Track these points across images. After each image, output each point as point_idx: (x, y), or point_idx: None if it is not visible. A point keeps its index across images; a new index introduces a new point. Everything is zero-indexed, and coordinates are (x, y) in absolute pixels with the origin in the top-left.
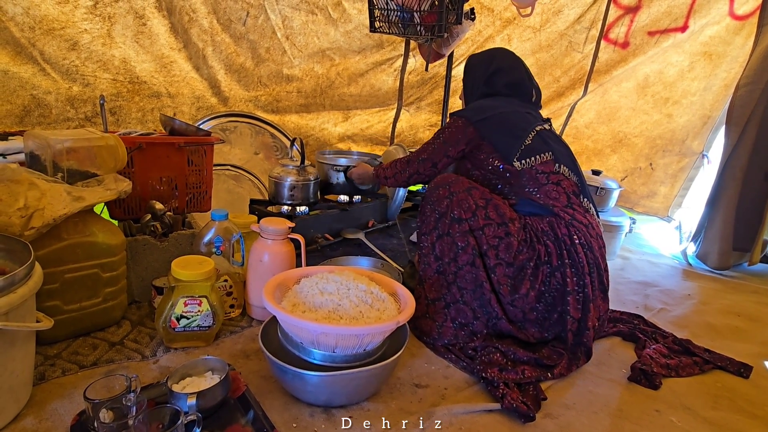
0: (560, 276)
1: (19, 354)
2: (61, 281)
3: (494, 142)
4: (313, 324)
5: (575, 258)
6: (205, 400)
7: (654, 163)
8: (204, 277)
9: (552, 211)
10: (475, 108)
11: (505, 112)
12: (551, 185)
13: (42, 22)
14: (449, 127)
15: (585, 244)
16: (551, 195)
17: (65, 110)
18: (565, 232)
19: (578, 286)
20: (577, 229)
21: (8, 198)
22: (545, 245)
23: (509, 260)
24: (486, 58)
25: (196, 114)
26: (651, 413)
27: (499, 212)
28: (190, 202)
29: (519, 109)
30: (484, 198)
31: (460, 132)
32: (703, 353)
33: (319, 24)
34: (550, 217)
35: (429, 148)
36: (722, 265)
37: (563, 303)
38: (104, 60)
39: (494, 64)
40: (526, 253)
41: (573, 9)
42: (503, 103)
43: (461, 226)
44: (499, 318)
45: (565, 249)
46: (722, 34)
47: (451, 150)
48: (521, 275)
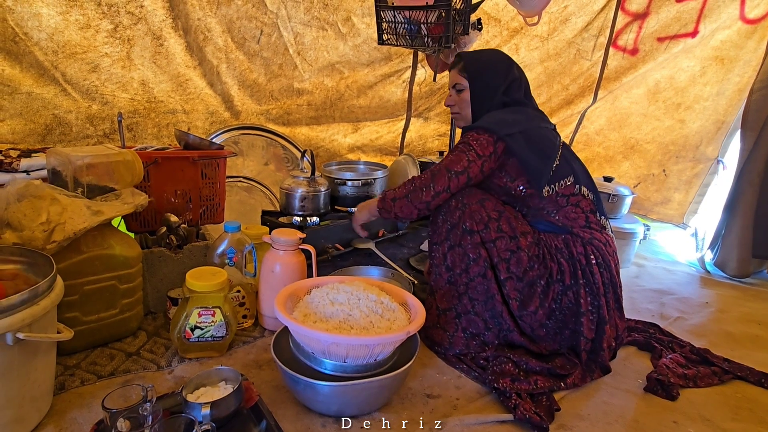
0: (572, 295)
1: (40, 364)
2: (81, 293)
3: (523, 162)
4: (324, 334)
5: (590, 278)
6: (219, 410)
7: (667, 169)
8: (217, 288)
9: (570, 230)
10: (498, 121)
11: (530, 128)
12: (570, 207)
13: (65, 46)
14: (476, 140)
15: (602, 264)
16: (570, 216)
17: (85, 128)
18: (581, 251)
19: (593, 306)
20: (596, 248)
21: (31, 213)
22: (558, 263)
23: (519, 275)
24: (504, 60)
25: (209, 128)
26: (668, 425)
27: (512, 225)
28: (204, 214)
29: (540, 123)
30: (497, 210)
31: (491, 147)
32: (722, 363)
33: (329, 39)
34: (565, 235)
35: (461, 162)
36: (742, 272)
37: (576, 323)
38: (123, 82)
39: (513, 68)
40: (537, 269)
41: (581, 17)
42: (524, 117)
43: (473, 237)
44: (511, 330)
45: (580, 269)
46: (734, 38)
47: (486, 166)
48: (531, 291)
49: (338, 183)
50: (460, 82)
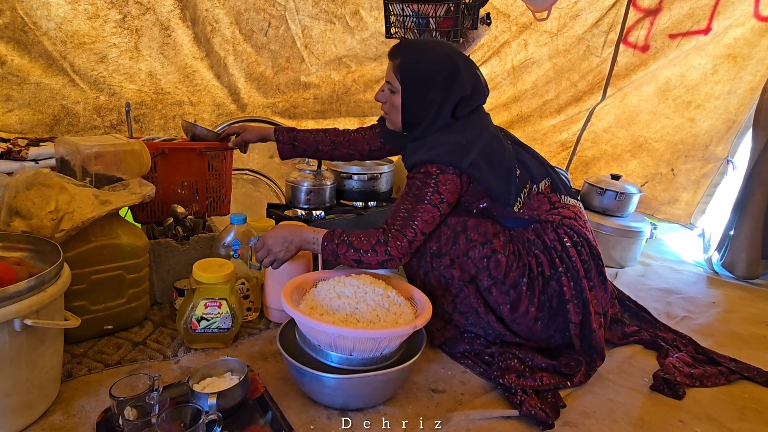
0: (556, 284)
1: (48, 351)
2: (88, 282)
3: (489, 188)
4: (331, 327)
5: (568, 263)
6: (225, 401)
7: (676, 168)
8: (224, 279)
9: (538, 219)
10: (454, 149)
11: (484, 146)
12: (532, 197)
13: (73, 36)
14: (443, 184)
15: (578, 242)
16: (533, 206)
17: (92, 119)
18: (554, 237)
19: (575, 290)
20: (568, 228)
21: (40, 201)
22: (535, 256)
23: (501, 278)
24: (450, 69)
25: (216, 120)
26: (674, 423)
27: (480, 231)
28: (210, 206)
29: (488, 131)
30: (461, 222)
31: (459, 186)
32: (729, 362)
33: (337, 32)
34: (534, 224)
35: (434, 219)
36: (751, 274)
37: (564, 311)
38: (131, 73)
39: (461, 79)
40: (516, 268)
41: (591, 13)
42: (475, 132)
43: (442, 260)
44: (504, 333)
45: (557, 256)
46: (747, 36)
47: (447, 208)
48: (517, 292)
49: (344, 177)
50: (392, 83)
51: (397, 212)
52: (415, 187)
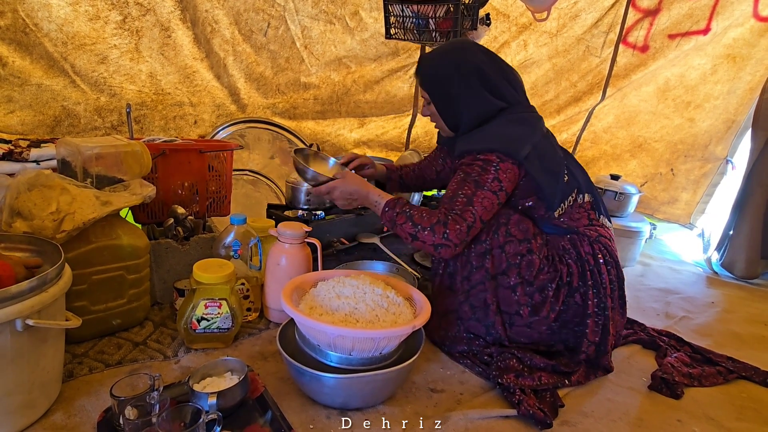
0: (579, 297)
1: (49, 351)
2: (89, 282)
3: (539, 185)
4: (330, 327)
5: (597, 279)
6: (225, 400)
7: (675, 168)
8: (224, 280)
9: (576, 230)
10: (511, 139)
11: (537, 143)
12: (574, 207)
13: (74, 38)
14: (504, 172)
15: (609, 262)
16: (574, 217)
17: (93, 119)
18: (589, 251)
19: (598, 308)
20: (603, 246)
21: (42, 202)
22: (567, 265)
23: (530, 279)
24: (460, 60)
25: (216, 121)
26: (672, 423)
27: (521, 228)
28: (211, 207)
29: (540, 130)
30: (507, 215)
31: (515, 174)
32: (726, 362)
33: (337, 33)
34: (571, 235)
35: (493, 205)
36: (750, 274)
37: (580, 324)
38: (131, 74)
39: (477, 65)
40: (547, 272)
41: (590, 13)
42: (528, 127)
43: (476, 247)
44: (503, 338)
45: (588, 269)
46: (746, 36)
47: (504, 197)
48: (542, 296)
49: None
50: (425, 96)
51: (455, 197)
52: (474, 173)
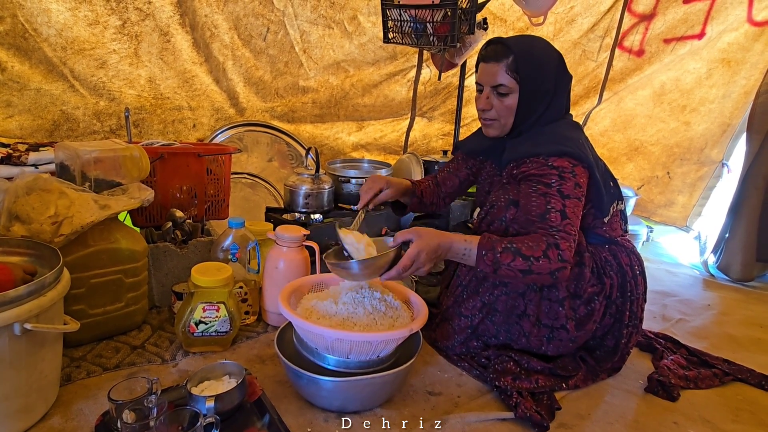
0: (616, 309)
1: (47, 355)
2: (87, 286)
3: (596, 192)
4: (328, 330)
5: (634, 291)
6: (223, 403)
7: (671, 171)
8: (222, 283)
9: (615, 241)
10: (578, 144)
11: (590, 147)
12: (613, 216)
13: (74, 43)
14: (577, 172)
15: (642, 273)
16: (614, 226)
17: (92, 124)
18: (627, 262)
19: (630, 320)
20: (637, 257)
21: (40, 206)
22: (610, 277)
23: (580, 293)
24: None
25: (214, 125)
26: (669, 425)
27: None
28: (209, 210)
29: (585, 134)
30: None
31: (587, 178)
32: (722, 364)
33: (335, 37)
34: (610, 245)
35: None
36: (745, 276)
37: (618, 336)
38: (131, 78)
39: (564, 64)
40: (593, 286)
41: (587, 18)
42: (582, 134)
43: None
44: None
45: (628, 281)
46: (741, 41)
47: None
48: (588, 310)
49: (342, 180)
50: (507, 84)
51: (547, 213)
52: (554, 182)
